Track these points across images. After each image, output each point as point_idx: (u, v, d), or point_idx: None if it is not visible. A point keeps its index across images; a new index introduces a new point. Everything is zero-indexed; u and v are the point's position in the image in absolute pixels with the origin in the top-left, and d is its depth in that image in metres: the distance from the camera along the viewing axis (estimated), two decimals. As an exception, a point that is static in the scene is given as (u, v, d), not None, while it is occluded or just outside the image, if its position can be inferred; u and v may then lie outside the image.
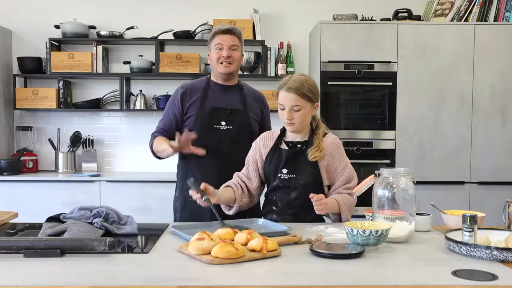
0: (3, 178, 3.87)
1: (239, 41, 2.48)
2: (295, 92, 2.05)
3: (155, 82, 4.42)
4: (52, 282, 1.32)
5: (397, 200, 1.82)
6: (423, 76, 3.92)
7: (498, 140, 3.95)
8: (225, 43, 2.43)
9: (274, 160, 2.16)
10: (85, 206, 1.96)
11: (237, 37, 2.47)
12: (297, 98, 2.05)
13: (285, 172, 2.13)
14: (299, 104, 2.05)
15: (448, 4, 4.10)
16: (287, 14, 4.46)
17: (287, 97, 2.05)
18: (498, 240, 1.69)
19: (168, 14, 4.40)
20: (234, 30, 2.46)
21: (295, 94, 2.05)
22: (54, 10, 4.38)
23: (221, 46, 2.44)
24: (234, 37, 2.46)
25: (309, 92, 2.07)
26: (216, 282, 1.33)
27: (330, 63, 3.91)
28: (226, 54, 2.43)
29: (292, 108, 2.06)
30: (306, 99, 2.06)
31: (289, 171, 2.13)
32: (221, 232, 1.70)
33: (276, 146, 2.18)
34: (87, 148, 4.32)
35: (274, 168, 2.16)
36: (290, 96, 2.05)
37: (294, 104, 2.05)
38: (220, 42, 2.44)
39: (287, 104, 2.06)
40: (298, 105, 2.05)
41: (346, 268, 1.45)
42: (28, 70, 4.26)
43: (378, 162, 3.86)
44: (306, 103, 2.07)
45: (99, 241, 1.57)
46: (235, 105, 2.49)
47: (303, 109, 2.07)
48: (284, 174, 2.13)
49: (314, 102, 2.10)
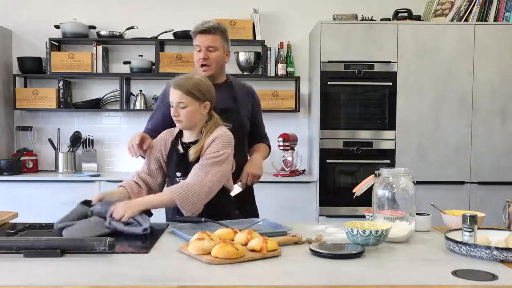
0: (3, 178, 3.88)
1: (220, 39, 2.35)
2: (180, 89, 2.05)
3: (155, 82, 4.42)
4: (52, 282, 1.32)
5: (397, 200, 1.82)
6: (423, 76, 3.92)
7: (498, 140, 3.95)
8: (202, 44, 2.33)
9: (171, 162, 2.16)
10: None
11: (219, 35, 2.34)
12: (182, 95, 2.05)
13: (179, 175, 2.12)
14: (184, 101, 2.05)
15: (448, 4, 4.10)
16: (287, 14, 4.46)
17: (173, 93, 2.07)
18: (498, 240, 1.69)
19: (168, 14, 4.40)
20: (212, 28, 2.32)
21: (180, 91, 2.05)
22: (54, 10, 4.38)
23: (199, 47, 2.35)
24: (213, 36, 2.33)
25: (195, 89, 2.06)
26: (216, 282, 1.33)
27: (330, 63, 3.91)
28: (202, 56, 2.33)
29: (179, 105, 2.06)
30: (192, 97, 2.05)
31: (182, 174, 2.10)
32: (221, 232, 1.70)
33: (173, 147, 2.18)
34: (87, 148, 4.32)
35: (171, 171, 2.16)
36: (176, 93, 2.06)
37: (179, 101, 2.06)
38: (197, 43, 2.35)
39: (174, 101, 2.07)
40: (183, 102, 2.05)
41: (346, 268, 1.45)
42: (28, 70, 4.26)
43: (378, 162, 3.86)
44: (192, 101, 2.06)
45: (99, 241, 1.57)
46: (225, 104, 2.36)
47: (189, 106, 2.05)
48: (178, 178, 2.11)
49: (202, 101, 2.08)
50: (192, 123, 2.10)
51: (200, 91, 2.07)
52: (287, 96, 4.27)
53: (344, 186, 3.96)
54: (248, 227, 1.82)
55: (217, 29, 2.34)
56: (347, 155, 3.95)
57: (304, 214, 3.86)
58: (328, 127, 3.95)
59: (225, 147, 2.04)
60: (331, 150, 3.94)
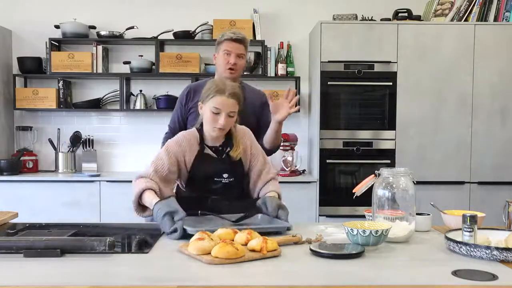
0: (3, 178, 3.88)
1: (245, 50, 2.60)
2: (237, 100, 2.05)
3: (155, 82, 4.42)
4: (52, 282, 1.32)
5: (397, 200, 1.82)
6: (423, 76, 3.92)
7: (498, 140, 3.95)
8: (233, 51, 2.54)
9: (203, 166, 2.09)
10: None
11: (245, 46, 2.59)
12: (236, 105, 2.05)
13: (226, 176, 2.11)
14: (235, 111, 2.06)
15: (448, 4, 4.10)
16: (287, 14, 4.46)
17: (227, 102, 2.02)
18: (498, 240, 1.69)
19: (168, 14, 4.40)
20: (244, 40, 2.58)
21: (236, 102, 2.04)
22: (54, 10, 4.38)
23: (229, 52, 2.54)
24: (243, 46, 2.57)
25: (242, 99, 2.10)
26: (216, 282, 1.33)
27: (330, 63, 3.91)
28: (233, 61, 2.53)
29: (229, 114, 2.03)
30: (239, 106, 2.08)
31: (229, 176, 2.11)
32: (221, 232, 1.71)
33: (201, 151, 2.11)
34: (87, 148, 4.32)
35: (202, 172, 2.09)
36: (231, 102, 2.03)
37: (232, 110, 2.04)
38: (229, 49, 2.54)
39: (225, 110, 2.02)
40: (234, 112, 2.05)
41: (346, 268, 1.45)
42: (28, 70, 4.26)
43: (378, 162, 3.85)
44: (237, 110, 2.08)
45: (99, 241, 1.57)
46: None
47: (236, 115, 2.08)
48: (225, 178, 2.11)
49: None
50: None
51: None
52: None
53: (344, 186, 3.96)
54: (243, 219, 1.91)
55: (246, 40, 2.60)
56: (347, 155, 3.95)
57: (304, 214, 3.86)
58: (328, 127, 3.95)
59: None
60: (331, 150, 3.94)
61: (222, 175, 2.11)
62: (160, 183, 2.02)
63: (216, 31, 4.16)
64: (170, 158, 2.05)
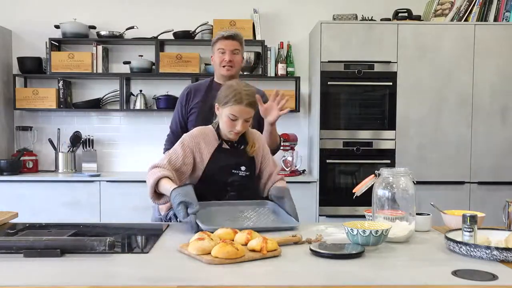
0: (3, 178, 3.87)
1: (240, 45, 2.63)
2: (254, 108, 2.12)
3: (155, 82, 4.42)
4: (52, 282, 1.32)
5: (397, 200, 1.82)
6: (423, 76, 3.92)
7: (498, 140, 3.95)
8: (227, 48, 2.59)
9: (222, 158, 2.15)
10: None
11: (239, 42, 2.62)
12: (252, 113, 2.11)
13: (244, 169, 2.17)
14: (250, 118, 2.12)
15: (448, 4, 4.10)
16: (287, 14, 4.46)
17: (245, 110, 2.08)
18: (498, 240, 1.69)
19: (168, 14, 4.40)
20: (236, 36, 2.62)
21: (253, 110, 2.11)
22: (54, 10, 4.38)
23: (224, 50, 2.59)
24: (236, 42, 2.61)
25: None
26: (216, 282, 1.33)
27: (330, 63, 3.91)
28: (228, 58, 2.58)
29: (245, 120, 2.10)
30: (255, 110, 2.14)
31: (246, 169, 2.18)
32: (221, 232, 1.71)
33: (220, 145, 2.18)
34: (87, 148, 4.32)
35: (230, 164, 2.16)
36: (248, 111, 2.10)
37: (248, 117, 2.11)
38: (223, 47, 2.59)
39: (242, 117, 2.09)
40: (250, 117, 2.12)
41: (346, 268, 1.45)
42: (28, 70, 4.26)
43: (378, 162, 3.86)
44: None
45: (99, 241, 1.57)
46: None
47: (251, 119, 2.14)
48: (243, 171, 2.17)
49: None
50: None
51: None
52: (287, 96, 4.25)
53: (344, 186, 3.96)
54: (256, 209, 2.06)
55: (239, 37, 2.64)
56: (347, 155, 3.95)
57: (304, 214, 3.83)
58: (328, 127, 3.95)
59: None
60: (331, 150, 3.94)
61: (240, 167, 2.17)
62: (174, 174, 2.06)
63: (216, 31, 4.15)
64: (184, 150, 2.11)
